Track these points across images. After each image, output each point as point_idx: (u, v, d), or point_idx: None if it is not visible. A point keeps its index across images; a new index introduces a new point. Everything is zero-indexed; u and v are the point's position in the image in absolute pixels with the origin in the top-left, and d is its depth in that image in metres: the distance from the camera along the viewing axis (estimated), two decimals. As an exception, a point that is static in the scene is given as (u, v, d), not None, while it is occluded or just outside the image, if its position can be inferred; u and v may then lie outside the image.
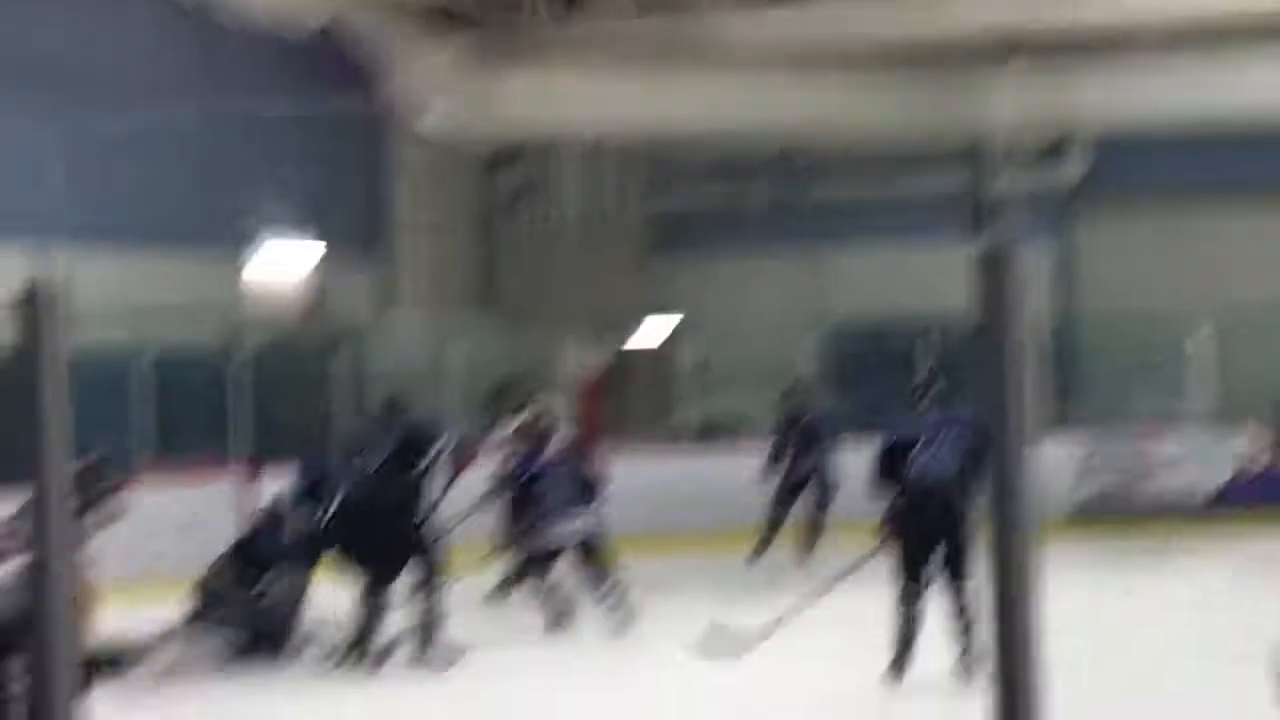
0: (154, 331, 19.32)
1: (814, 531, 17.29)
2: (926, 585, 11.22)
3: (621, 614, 13.67)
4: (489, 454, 15.34)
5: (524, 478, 14.36)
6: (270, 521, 13.37)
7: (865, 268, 24.22)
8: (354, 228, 23.81)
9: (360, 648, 12.28)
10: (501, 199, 25.79)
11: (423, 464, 12.70)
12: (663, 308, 25.39)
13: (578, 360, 23.24)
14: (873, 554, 11.62)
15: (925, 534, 11.31)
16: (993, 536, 1.99)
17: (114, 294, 18.25)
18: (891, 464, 11.60)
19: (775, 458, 17.53)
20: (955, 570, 11.13)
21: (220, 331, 21.39)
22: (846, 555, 12.45)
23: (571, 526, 13.91)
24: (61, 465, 1.83)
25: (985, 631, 7.10)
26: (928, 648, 11.14)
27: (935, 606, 11.15)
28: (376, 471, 12.71)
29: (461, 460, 13.18)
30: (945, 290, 21.57)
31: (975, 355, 1.91)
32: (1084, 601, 13.70)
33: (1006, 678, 2.01)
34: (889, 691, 11.12)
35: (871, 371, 23.46)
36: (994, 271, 1.86)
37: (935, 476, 11.46)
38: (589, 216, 25.35)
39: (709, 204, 25.30)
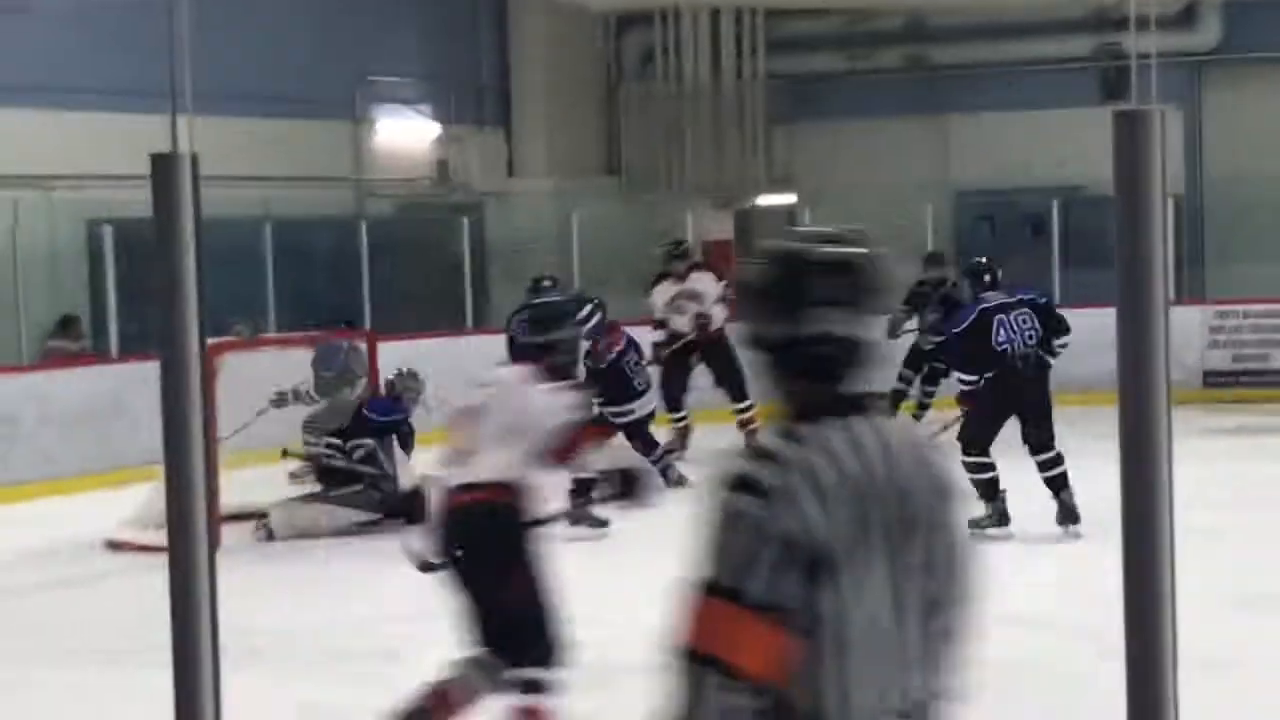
0: (280, 200, 19.47)
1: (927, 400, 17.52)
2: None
3: None
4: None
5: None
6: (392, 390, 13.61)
7: (993, 133, 23.96)
8: (476, 95, 23.82)
9: None
10: (625, 65, 25.67)
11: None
12: (785, 174, 25.28)
13: (701, 228, 23.17)
14: (952, 424, 12.01)
15: (1010, 406, 12.07)
16: (1124, 404, 1.97)
17: (240, 163, 18.38)
18: (977, 339, 11.90)
19: (896, 328, 17.14)
20: (1041, 440, 11.60)
21: (345, 200, 21.54)
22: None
23: None
24: (199, 332, 1.85)
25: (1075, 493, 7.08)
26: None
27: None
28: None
29: (605, 336, 13.53)
30: (1074, 155, 21.48)
31: (1112, 219, 1.89)
32: (1213, 470, 13.62)
33: (1137, 546, 2.00)
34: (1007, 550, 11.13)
35: (1000, 239, 23.31)
36: (1132, 134, 1.84)
37: (1019, 350, 12.17)
38: (712, 82, 25.19)
39: (833, 69, 25.08)
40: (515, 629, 7.13)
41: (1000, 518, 12.14)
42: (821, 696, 3.20)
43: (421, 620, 10.07)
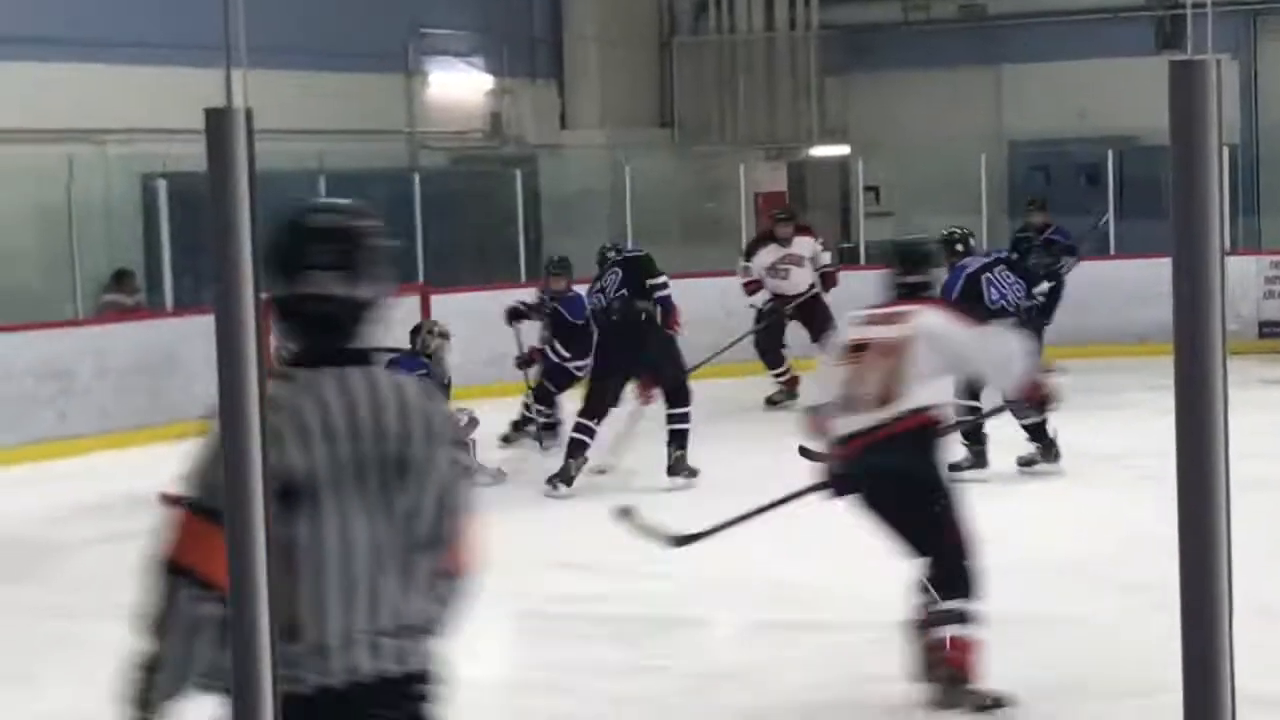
0: (334, 153, 19.51)
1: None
2: None
3: None
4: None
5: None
6: None
7: (1048, 83, 23.84)
8: (529, 47, 23.81)
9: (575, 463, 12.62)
10: (678, 16, 25.62)
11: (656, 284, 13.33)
12: (839, 125, 25.22)
13: (754, 179, 23.15)
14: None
15: None
16: (1180, 355, 1.96)
17: (293, 116, 18.42)
18: (971, 303, 12.19)
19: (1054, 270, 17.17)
20: None
21: (399, 153, 21.57)
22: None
23: None
24: (255, 288, 1.85)
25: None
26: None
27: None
28: (617, 297, 13.15)
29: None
30: (1129, 105, 21.36)
31: (1167, 169, 1.88)
32: (1268, 420, 13.56)
33: (1193, 496, 1.99)
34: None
35: (1054, 189, 23.21)
36: (1188, 84, 1.83)
37: (1013, 306, 12.61)
38: (766, 33, 25.13)
39: (888, 19, 24.99)
40: (953, 560, 7.17)
41: (978, 459, 12.35)
42: (297, 614, 3.63)
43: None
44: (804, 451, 7.79)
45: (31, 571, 10.60)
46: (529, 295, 15.37)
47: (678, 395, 13.00)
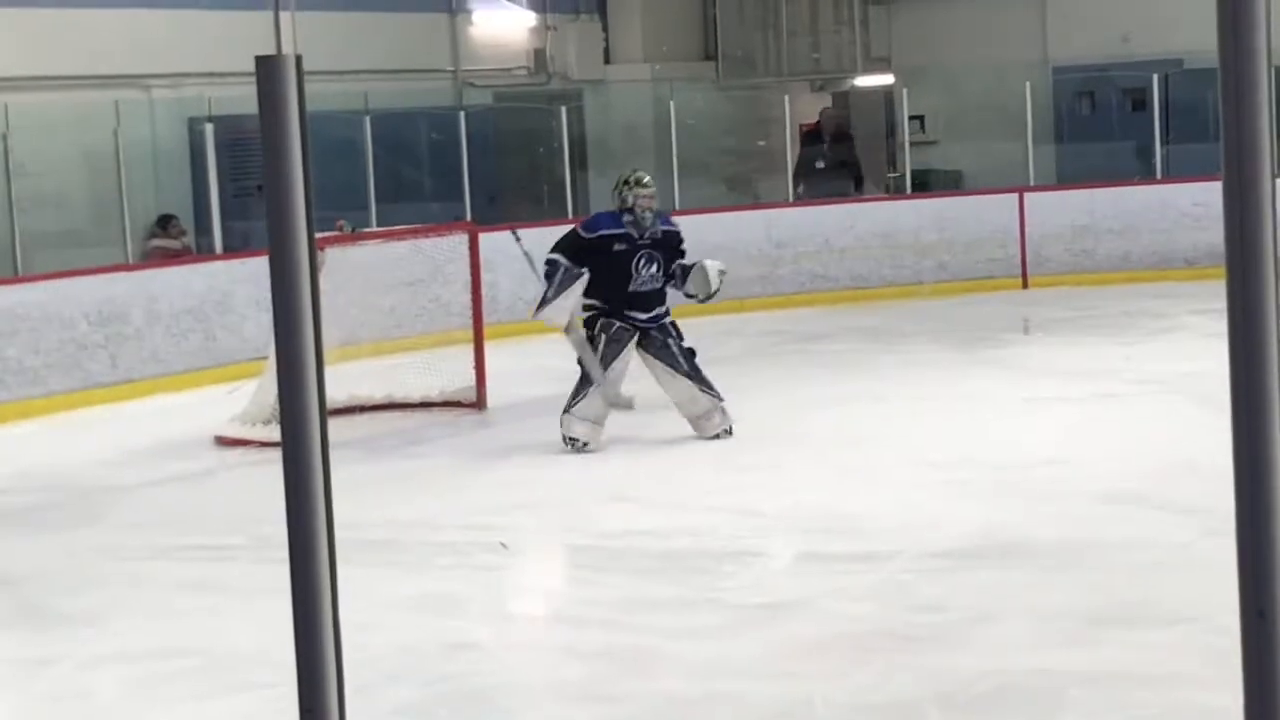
0: (379, 93, 19.51)
1: None
2: None
3: None
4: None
5: None
6: None
7: (1091, 8, 23.66)
8: (572, -17, 23.74)
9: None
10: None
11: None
12: (883, 55, 25.09)
13: (799, 111, 23.07)
14: None
15: None
16: (1232, 278, 1.97)
17: (338, 57, 18.43)
18: None
19: None
20: None
21: (444, 92, 21.55)
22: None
23: None
24: (308, 234, 1.87)
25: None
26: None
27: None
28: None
29: None
30: (1174, 27, 21.21)
31: (1214, 92, 1.88)
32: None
33: (1246, 419, 2.00)
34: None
35: (1099, 115, 23.08)
36: (1235, 9, 1.82)
37: None
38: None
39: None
40: None
41: None
42: None
43: (527, 511, 10.19)
44: None
45: (89, 515, 10.68)
46: None
47: None
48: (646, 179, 12.04)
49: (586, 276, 11.65)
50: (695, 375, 11.88)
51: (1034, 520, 9.10)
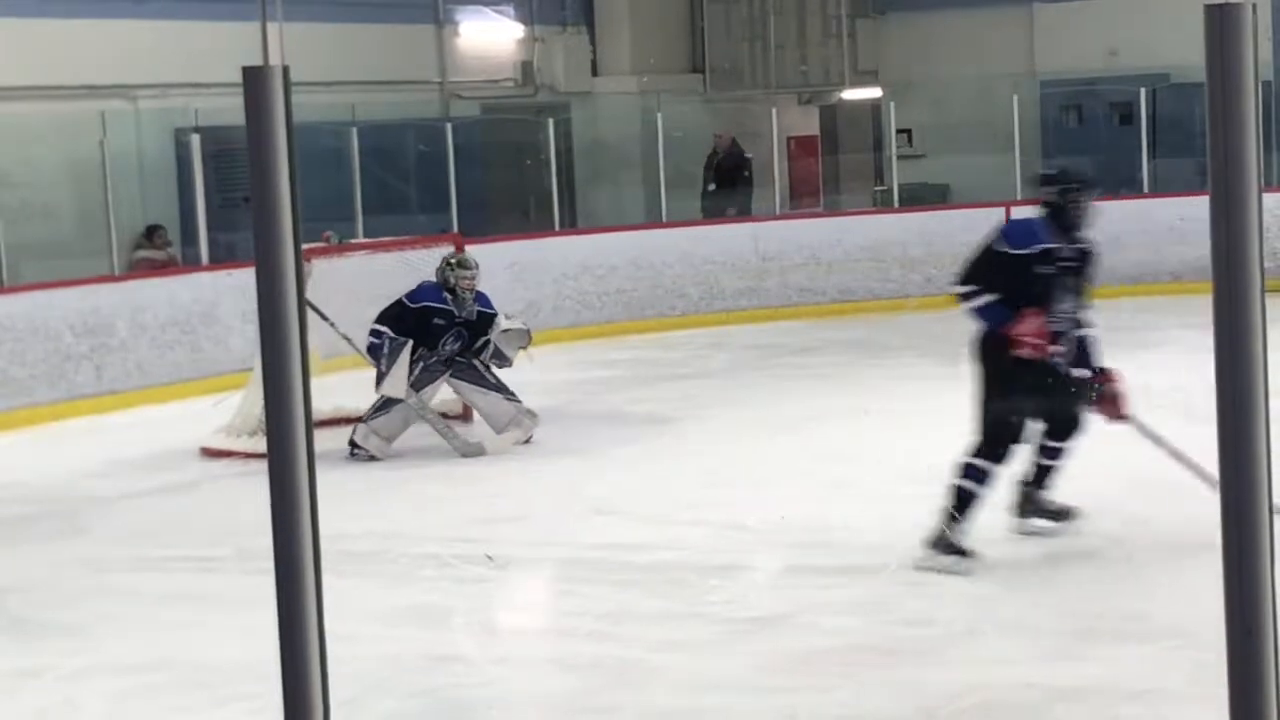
0: (366, 104, 19.52)
1: None
2: None
3: None
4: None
5: None
6: None
7: (1078, 22, 23.70)
8: (559, -5, 23.76)
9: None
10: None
11: None
12: (870, 68, 25.13)
13: (786, 124, 23.10)
14: None
15: None
16: (1218, 293, 1.97)
17: (326, 68, 18.43)
18: None
19: None
20: None
21: (431, 103, 21.55)
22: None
23: None
24: (295, 246, 1.87)
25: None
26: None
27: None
28: None
29: None
30: (1161, 43, 21.25)
31: (1200, 106, 1.88)
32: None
33: (1233, 435, 2.00)
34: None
35: (1086, 128, 23.13)
36: (1224, 28, 1.83)
37: None
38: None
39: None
40: None
41: None
42: None
43: (512, 523, 10.18)
44: None
45: (74, 526, 10.65)
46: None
47: None
48: (470, 262, 12.69)
49: (410, 344, 12.19)
50: (502, 388, 12.60)
51: (1019, 534, 9.10)
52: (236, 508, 10.64)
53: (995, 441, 8.56)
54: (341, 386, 12.48)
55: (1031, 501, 9.13)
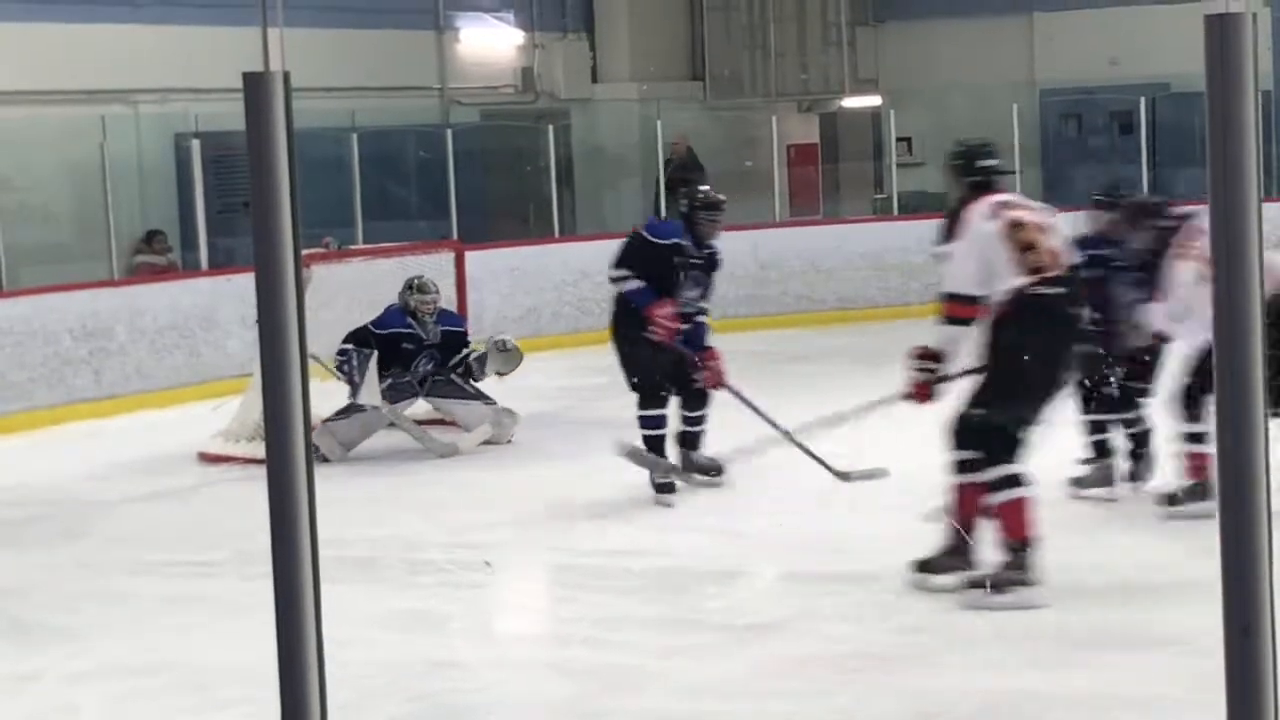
0: (366, 110, 19.51)
1: None
2: None
3: None
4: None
5: None
6: None
7: (1079, 30, 23.72)
8: (559, 1, 23.76)
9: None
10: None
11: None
12: (871, 76, 25.13)
13: (786, 132, 23.10)
14: None
15: None
16: (1218, 303, 1.97)
17: (326, 74, 18.44)
18: None
19: None
20: None
21: (431, 110, 21.55)
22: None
23: None
24: (295, 252, 1.87)
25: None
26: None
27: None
28: None
29: None
30: (1161, 51, 21.26)
31: (1201, 115, 1.89)
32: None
33: (1232, 446, 2.00)
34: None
35: (1086, 137, 23.14)
36: (1224, 38, 1.83)
37: None
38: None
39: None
40: None
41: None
42: None
43: (509, 529, 10.18)
44: None
45: (72, 530, 10.66)
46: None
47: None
48: (430, 286, 12.95)
49: (375, 354, 12.27)
50: (480, 395, 12.88)
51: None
52: (235, 513, 10.64)
53: (650, 393, 10.77)
54: (342, 391, 12.48)
55: (689, 460, 10.96)
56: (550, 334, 16.86)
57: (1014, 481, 8.02)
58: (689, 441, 11.08)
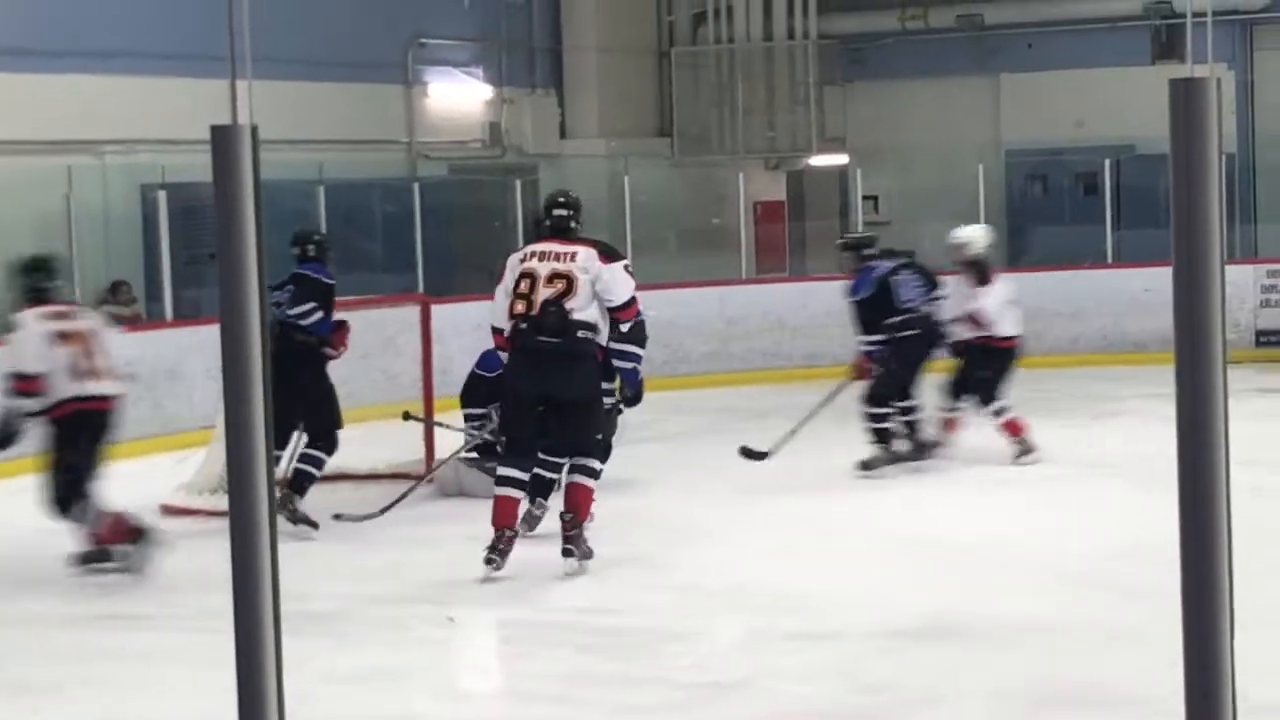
0: (333, 163, 19.51)
1: None
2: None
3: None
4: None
5: None
6: None
7: (1045, 92, 23.86)
8: (528, 57, 23.82)
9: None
10: (676, 26, 25.63)
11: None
12: (837, 135, 25.22)
13: (753, 189, 23.16)
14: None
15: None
16: (1180, 363, 1.98)
17: (293, 126, 18.43)
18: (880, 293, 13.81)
19: None
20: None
21: (398, 163, 21.57)
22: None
23: None
24: (260, 305, 1.86)
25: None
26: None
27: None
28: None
29: None
30: (1126, 114, 21.39)
31: (1165, 178, 1.90)
32: (1266, 429, 13.58)
33: (1194, 504, 2.00)
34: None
35: (1052, 198, 23.25)
36: (1188, 101, 1.84)
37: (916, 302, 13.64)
38: (764, 43, 25.14)
39: (885, 28, 25.00)
40: None
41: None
42: None
43: (472, 585, 10.15)
44: None
45: (32, 582, 10.60)
46: None
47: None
48: None
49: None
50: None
51: (983, 600, 9.11)
52: (197, 566, 10.58)
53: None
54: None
55: (289, 503, 11.28)
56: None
57: None
58: (299, 483, 11.62)
